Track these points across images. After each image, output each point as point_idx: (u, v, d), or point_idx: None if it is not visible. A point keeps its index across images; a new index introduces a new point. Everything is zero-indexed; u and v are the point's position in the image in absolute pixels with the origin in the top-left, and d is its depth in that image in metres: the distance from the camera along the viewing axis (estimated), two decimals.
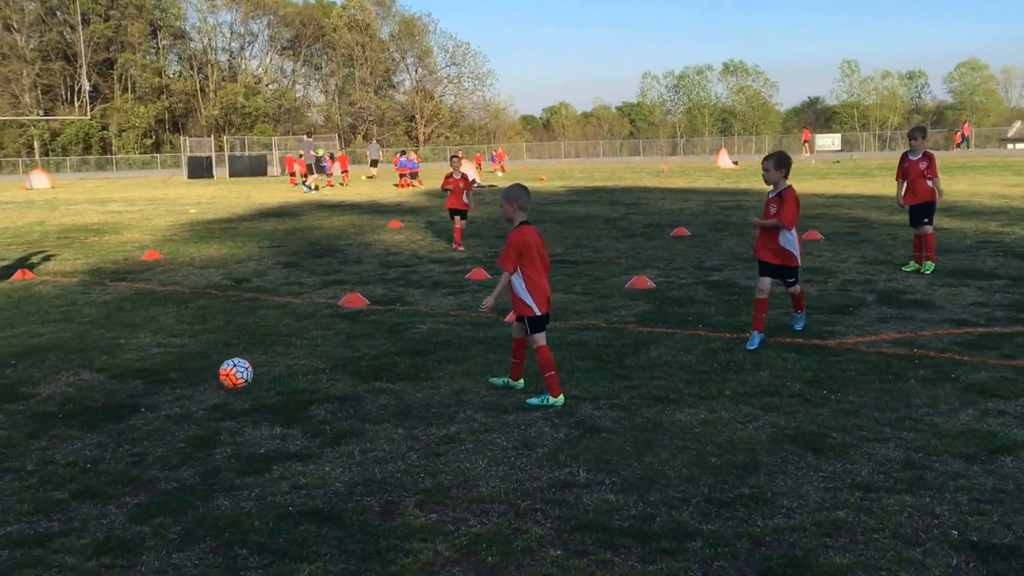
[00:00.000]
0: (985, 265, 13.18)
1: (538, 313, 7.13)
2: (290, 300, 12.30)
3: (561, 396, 7.12)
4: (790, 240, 8.81)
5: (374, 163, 56.42)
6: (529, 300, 7.11)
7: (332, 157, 52.01)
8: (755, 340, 8.73)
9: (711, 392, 7.31)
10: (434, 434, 6.53)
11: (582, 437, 6.35)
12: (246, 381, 7.85)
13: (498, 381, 7.68)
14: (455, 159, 19.29)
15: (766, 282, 8.85)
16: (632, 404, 7.06)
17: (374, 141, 66.18)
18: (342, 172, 47.38)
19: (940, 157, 15.83)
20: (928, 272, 12.59)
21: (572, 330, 9.79)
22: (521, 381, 7.61)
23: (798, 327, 9.32)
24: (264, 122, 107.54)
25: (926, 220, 12.69)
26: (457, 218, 17.67)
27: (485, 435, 6.47)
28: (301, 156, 44.62)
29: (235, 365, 7.90)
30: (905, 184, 12.89)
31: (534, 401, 7.14)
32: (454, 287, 12.96)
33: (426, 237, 19.88)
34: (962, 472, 5.52)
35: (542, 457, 5.99)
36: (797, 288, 9.09)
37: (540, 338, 7.17)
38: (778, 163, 8.80)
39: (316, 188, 40.88)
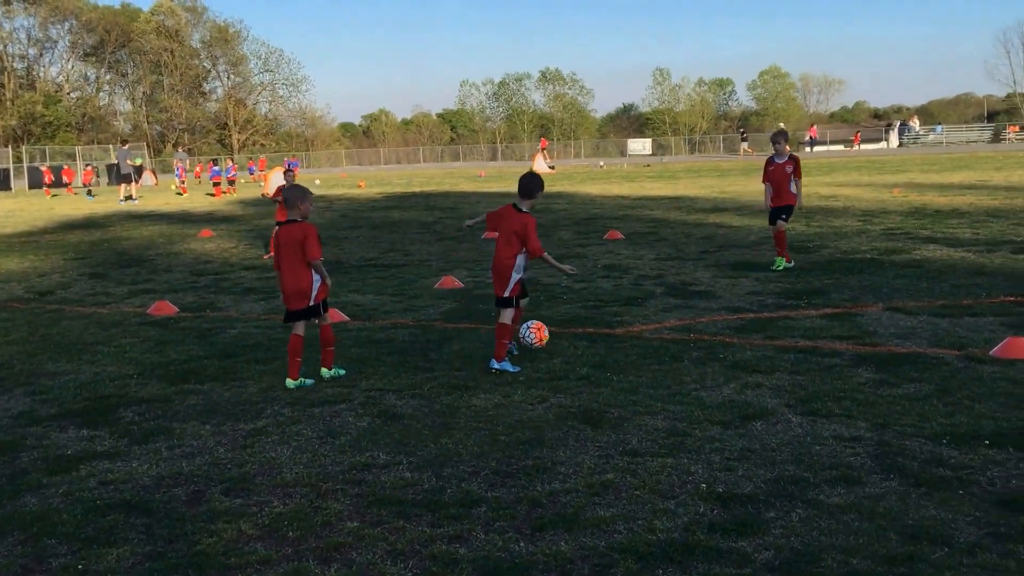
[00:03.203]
0: (764, 258, 14.26)
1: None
2: (96, 310, 12.24)
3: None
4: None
5: None
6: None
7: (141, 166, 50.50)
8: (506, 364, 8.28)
9: (506, 379, 7.87)
10: (241, 429, 6.84)
11: (384, 425, 6.78)
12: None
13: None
14: (288, 173, 19.27)
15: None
16: (432, 393, 7.54)
17: (180, 150, 64.58)
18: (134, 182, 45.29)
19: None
20: (780, 268, 13.09)
21: (381, 329, 10.21)
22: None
23: None
24: (67, 131, 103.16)
25: (783, 217, 13.24)
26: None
27: (291, 427, 6.82)
28: (90, 167, 43.13)
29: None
30: (771, 187, 13.29)
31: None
32: (265, 293, 13.14)
33: (238, 245, 19.88)
34: (717, 436, 6.23)
35: (345, 444, 6.39)
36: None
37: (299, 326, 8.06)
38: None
39: (134, 198, 39.66)
